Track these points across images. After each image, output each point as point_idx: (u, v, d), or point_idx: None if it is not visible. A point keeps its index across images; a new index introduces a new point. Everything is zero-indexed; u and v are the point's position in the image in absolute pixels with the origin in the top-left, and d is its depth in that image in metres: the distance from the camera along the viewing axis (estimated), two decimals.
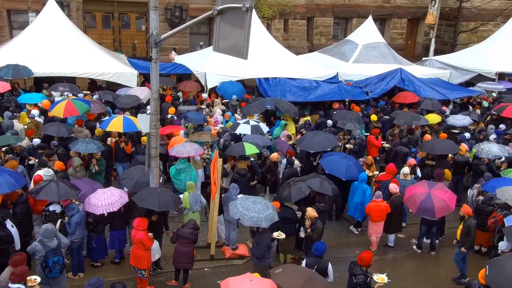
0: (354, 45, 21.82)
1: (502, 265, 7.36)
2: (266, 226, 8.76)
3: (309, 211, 9.46)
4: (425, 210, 10.14)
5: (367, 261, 8.00)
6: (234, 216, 9.01)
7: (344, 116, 15.17)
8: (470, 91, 19.87)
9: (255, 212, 8.71)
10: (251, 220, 8.65)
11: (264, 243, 8.91)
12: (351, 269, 8.05)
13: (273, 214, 8.93)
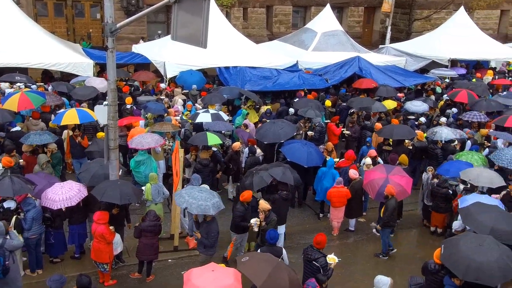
0: (313, 33, 22.00)
1: (456, 244, 7.68)
2: (214, 213, 8.67)
3: (262, 203, 9.29)
4: (383, 195, 10.42)
5: (324, 244, 8.20)
6: (180, 206, 8.91)
7: (305, 104, 15.32)
8: (424, 77, 20.47)
9: (202, 200, 8.63)
10: (199, 208, 8.56)
11: (214, 232, 8.82)
12: (308, 254, 8.11)
13: (219, 202, 8.90)
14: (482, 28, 26.37)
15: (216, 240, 8.94)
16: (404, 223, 12.03)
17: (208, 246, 8.87)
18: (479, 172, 10.64)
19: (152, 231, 8.99)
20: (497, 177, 10.64)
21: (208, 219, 8.85)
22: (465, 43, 22.56)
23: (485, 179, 10.42)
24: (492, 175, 10.63)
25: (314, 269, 7.93)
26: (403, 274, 9.51)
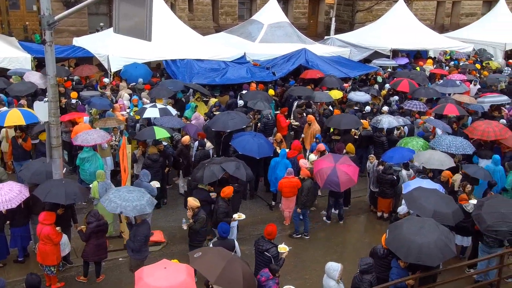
0: (260, 25, 22.04)
1: (399, 228, 8.01)
2: (150, 211, 8.37)
3: (190, 201, 9.04)
4: (331, 183, 10.71)
5: (275, 234, 8.29)
6: (114, 211, 8.35)
7: (253, 96, 15.36)
8: (368, 67, 21.05)
9: (136, 200, 8.22)
10: (135, 209, 8.12)
11: (141, 235, 8.40)
12: (260, 245, 8.17)
13: (152, 199, 8.60)
14: (420, 19, 27.47)
15: (144, 244, 8.52)
16: (352, 210, 12.39)
17: (135, 250, 8.44)
18: (430, 155, 11.19)
19: (101, 230, 8.74)
20: (448, 159, 11.23)
21: (138, 221, 8.43)
22: (405, 34, 23.39)
23: (436, 162, 11.01)
24: (442, 158, 11.17)
25: (266, 260, 8.00)
26: (353, 259, 9.79)
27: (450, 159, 11.30)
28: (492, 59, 24.66)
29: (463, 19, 35.58)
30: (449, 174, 10.81)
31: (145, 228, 8.55)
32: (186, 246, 10.28)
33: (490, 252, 8.92)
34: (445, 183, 10.70)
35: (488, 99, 16.25)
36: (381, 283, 7.80)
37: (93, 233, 8.65)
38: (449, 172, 10.85)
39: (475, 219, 8.93)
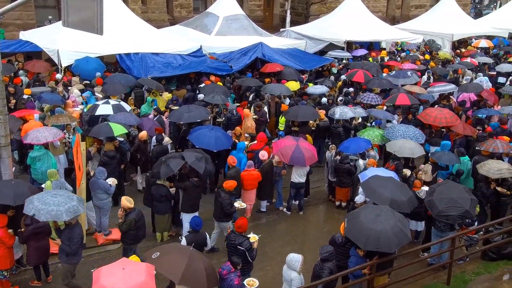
0: (215, 17, 21.85)
1: (357, 217, 8.20)
2: (67, 219, 7.90)
3: (123, 201, 8.75)
4: (297, 159, 11.11)
5: (245, 227, 8.33)
6: (28, 213, 7.82)
7: (211, 90, 15.25)
8: (323, 59, 21.36)
9: (55, 205, 7.77)
10: (49, 214, 7.67)
11: (78, 237, 8.11)
12: (232, 240, 8.17)
13: (77, 206, 8.02)
14: (372, 11, 28.07)
15: (80, 246, 8.27)
16: (311, 200, 12.59)
17: (71, 253, 8.09)
18: (402, 144, 11.62)
19: (41, 233, 8.34)
20: (418, 147, 11.71)
21: (73, 222, 8.05)
22: (358, 26, 23.90)
23: (407, 150, 11.43)
24: (413, 146, 11.62)
25: (240, 253, 8.00)
26: (313, 249, 9.97)
27: (421, 148, 11.85)
28: (441, 49, 25.59)
29: (413, 11, 36.64)
30: (373, 162, 11.20)
31: (80, 229, 8.25)
32: (146, 243, 10.17)
33: (442, 236, 9.31)
34: None
35: (437, 89, 16.87)
36: (340, 270, 7.98)
37: (32, 235, 8.25)
38: (373, 160, 11.34)
39: (427, 205, 9.28)
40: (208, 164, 10.48)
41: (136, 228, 8.77)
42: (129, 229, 8.70)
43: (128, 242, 8.92)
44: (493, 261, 9.88)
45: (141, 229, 8.96)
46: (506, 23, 28.78)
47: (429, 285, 9.14)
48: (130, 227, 8.67)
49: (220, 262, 9.59)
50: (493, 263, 9.85)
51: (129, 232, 8.74)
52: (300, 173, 11.48)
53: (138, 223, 8.78)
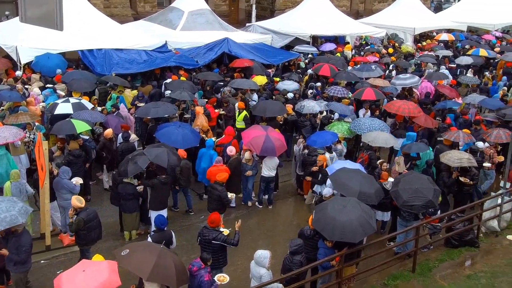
0: (180, 12, 21.58)
1: (324, 208, 8.32)
2: (23, 221, 7.65)
3: (73, 200, 8.57)
4: (267, 149, 11.27)
5: (218, 221, 8.34)
6: None
7: (178, 86, 15.10)
8: (290, 54, 21.47)
9: (4, 212, 7.41)
10: (4, 222, 7.31)
11: (26, 245, 7.73)
12: (205, 235, 8.14)
13: (25, 207, 7.80)
14: (336, 6, 28.40)
15: (29, 254, 7.86)
16: (280, 194, 12.68)
17: (19, 262, 7.73)
18: (376, 135, 11.94)
19: None
20: (392, 138, 12.23)
21: (20, 230, 7.68)
22: (323, 20, 24.13)
23: (381, 140, 11.83)
24: (387, 137, 12.09)
25: (214, 248, 8.00)
26: (283, 242, 10.05)
27: (394, 139, 12.28)
28: (403, 43, 26.14)
29: (376, 5, 37.22)
30: (323, 158, 11.30)
31: (28, 237, 7.91)
32: (114, 243, 10.04)
33: (407, 225, 9.56)
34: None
35: (399, 82, 17.24)
36: (310, 263, 8.08)
37: None
38: (324, 156, 11.41)
39: (393, 195, 9.52)
40: (171, 156, 10.18)
41: (87, 229, 8.53)
42: (79, 229, 8.49)
43: (80, 243, 8.73)
44: (456, 248, 10.24)
45: (94, 230, 8.69)
46: (465, 17, 29.74)
47: (395, 274, 9.38)
48: (79, 227, 8.45)
49: (255, 245, 9.76)
50: (456, 250, 10.20)
51: (79, 232, 8.53)
52: (270, 166, 11.53)
53: (88, 224, 8.54)
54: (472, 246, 10.26)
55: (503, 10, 30.68)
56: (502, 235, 10.74)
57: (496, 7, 30.75)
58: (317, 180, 11.05)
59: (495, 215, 10.72)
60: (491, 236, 10.76)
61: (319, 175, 10.98)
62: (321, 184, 10.89)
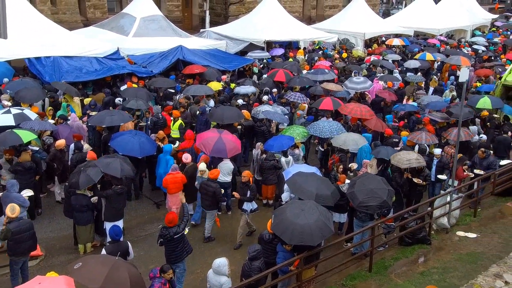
0: (132, 18, 21.22)
1: (283, 213, 8.40)
2: None
3: (7, 208, 8.38)
4: (218, 150, 11.23)
5: (176, 221, 8.36)
6: None
7: (134, 94, 14.83)
8: (245, 60, 21.57)
9: None
10: None
11: None
12: (165, 235, 8.18)
13: None
14: (289, 11, 28.84)
15: None
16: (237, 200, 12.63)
17: None
18: (345, 137, 12.22)
19: None
20: (361, 139, 12.38)
21: None
22: (277, 26, 24.42)
23: (351, 142, 12.09)
24: (357, 138, 12.29)
25: (175, 251, 8.14)
26: (243, 247, 10.06)
27: (364, 139, 12.46)
28: (355, 47, 26.85)
29: (327, 11, 38.15)
30: (249, 174, 10.76)
31: None
32: (67, 257, 9.73)
33: (363, 225, 9.80)
34: None
35: (351, 85, 17.68)
36: (269, 267, 8.12)
37: None
38: (248, 172, 10.92)
39: (349, 197, 9.73)
40: (124, 165, 10.02)
41: (14, 240, 8.25)
42: (6, 239, 8.21)
43: (9, 253, 8.43)
44: (409, 246, 10.58)
45: (24, 243, 8.38)
46: (412, 22, 30.96)
47: (353, 274, 9.58)
48: (6, 237, 8.18)
49: (214, 252, 9.66)
50: (409, 247, 10.55)
51: (8, 242, 8.27)
52: (224, 171, 11.48)
53: (17, 235, 8.25)
54: (425, 243, 10.64)
55: (446, 16, 32.26)
56: (452, 231, 11.19)
57: (440, 13, 32.32)
58: (246, 198, 10.47)
59: (445, 212, 11.17)
60: (442, 233, 11.19)
61: (248, 192, 10.49)
62: (250, 201, 10.48)
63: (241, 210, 10.65)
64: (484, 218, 11.93)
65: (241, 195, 10.52)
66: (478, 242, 10.70)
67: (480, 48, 27.58)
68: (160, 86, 16.80)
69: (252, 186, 10.60)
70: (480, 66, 22.76)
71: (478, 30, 35.25)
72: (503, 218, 11.94)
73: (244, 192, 10.55)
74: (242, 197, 10.53)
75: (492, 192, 12.61)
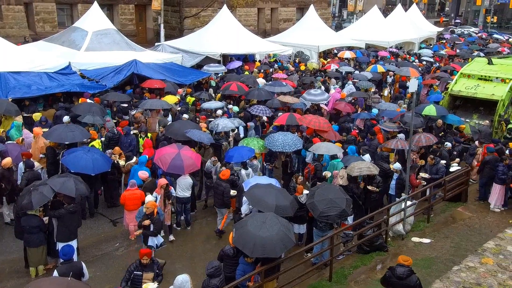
0: (84, 32, 20.70)
1: (244, 225, 8.37)
2: None
3: None
4: (175, 167, 11.04)
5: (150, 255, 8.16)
6: None
7: (88, 109, 14.44)
8: (201, 73, 21.48)
9: None
10: None
11: None
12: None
13: None
14: (244, 25, 29.13)
15: None
16: (198, 214, 12.53)
17: None
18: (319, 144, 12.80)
19: None
20: (334, 147, 12.86)
21: None
22: (232, 39, 24.55)
23: (323, 149, 12.59)
24: (330, 146, 12.83)
25: None
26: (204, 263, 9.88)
27: (337, 148, 12.92)
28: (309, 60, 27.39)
29: (282, 24, 38.81)
30: (153, 205, 9.77)
31: None
32: (18, 281, 9.30)
33: (323, 235, 9.90)
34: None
35: (309, 97, 17.98)
36: (231, 282, 8.03)
37: None
38: (152, 202, 9.88)
39: (309, 207, 9.82)
40: (79, 184, 9.65)
41: None
42: None
43: None
44: (367, 254, 10.78)
45: None
46: (363, 35, 31.98)
47: (314, 284, 9.63)
48: None
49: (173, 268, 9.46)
50: (368, 255, 10.74)
51: None
52: (183, 186, 11.33)
53: None
54: (382, 251, 10.86)
55: (395, 29, 33.56)
56: (408, 237, 11.49)
57: (389, 26, 33.60)
58: (150, 232, 9.57)
59: (400, 219, 11.48)
60: (398, 240, 11.48)
61: (151, 226, 9.53)
62: (155, 236, 9.63)
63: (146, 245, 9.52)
64: (437, 224, 12.34)
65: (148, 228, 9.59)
66: (432, 247, 11.04)
67: (427, 60, 28.83)
68: (113, 100, 16.44)
69: (156, 219, 9.60)
70: (428, 77, 23.76)
71: (424, 43, 36.89)
72: (454, 223, 12.41)
73: (148, 227, 9.51)
74: (144, 231, 9.56)
75: (444, 198, 13.09)
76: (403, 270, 7.55)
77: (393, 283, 7.58)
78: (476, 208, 13.19)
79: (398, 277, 7.51)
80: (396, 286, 7.57)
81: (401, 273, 7.51)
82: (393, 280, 7.56)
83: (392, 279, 7.59)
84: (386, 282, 7.76)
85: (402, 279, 7.49)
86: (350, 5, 44.25)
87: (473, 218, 12.61)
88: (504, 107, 16.32)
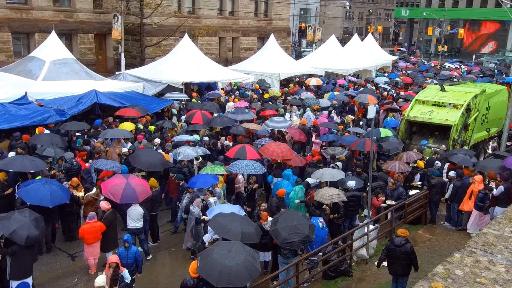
0: (41, 62, 20.22)
1: (210, 254, 8.22)
2: None
3: None
4: (128, 196, 10.75)
5: None
6: None
7: (47, 140, 14.02)
8: (163, 101, 21.35)
9: None
10: None
11: None
12: None
13: None
14: (206, 53, 29.37)
15: None
16: (162, 244, 12.26)
17: None
18: (323, 171, 13.02)
19: None
20: (338, 173, 13.20)
21: None
22: (194, 67, 24.66)
23: (328, 175, 12.78)
24: (334, 172, 13.10)
25: None
26: None
27: (340, 172, 13.36)
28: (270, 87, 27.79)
29: (243, 53, 39.39)
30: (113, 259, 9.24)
31: None
32: None
33: (288, 262, 9.87)
34: None
35: (272, 124, 18.19)
36: None
37: None
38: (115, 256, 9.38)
39: (273, 234, 9.80)
40: (33, 230, 8.98)
41: None
42: None
43: None
44: (333, 279, 10.80)
45: None
46: (322, 63, 32.85)
47: None
48: None
49: None
50: (333, 281, 10.77)
51: None
52: (134, 217, 11.03)
53: None
54: (347, 276, 10.92)
55: (352, 58, 34.71)
56: (371, 262, 11.60)
57: (347, 55, 34.73)
58: None
59: (364, 243, 11.61)
60: (362, 264, 11.58)
61: None
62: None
63: None
64: None
65: None
66: None
67: (382, 87, 29.85)
68: (73, 129, 16.05)
69: None
70: (385, 103, 24.57)
71: (380, 71, 38.28)
72: (416, 245, 12.62)
73: None
74: None
75: (405, 221, 13.37)
76: (400, 239, 9.57)
77: (392, 250, 9.58)
78: (436, 230, 13.53)
79: (396, 245, 9.55)
80: (394, 252, 9.55)
81: (398, 242, 9.56)
82: (392, 247, 9.60)
83: (391, 246, 9.63)
84: (386, 249, 9.73)
85: (399, 246, 9.51)
86: (309, 34, 45.50)
87: (433, 240, 12.91)
88: (457, 131, 17.01)
